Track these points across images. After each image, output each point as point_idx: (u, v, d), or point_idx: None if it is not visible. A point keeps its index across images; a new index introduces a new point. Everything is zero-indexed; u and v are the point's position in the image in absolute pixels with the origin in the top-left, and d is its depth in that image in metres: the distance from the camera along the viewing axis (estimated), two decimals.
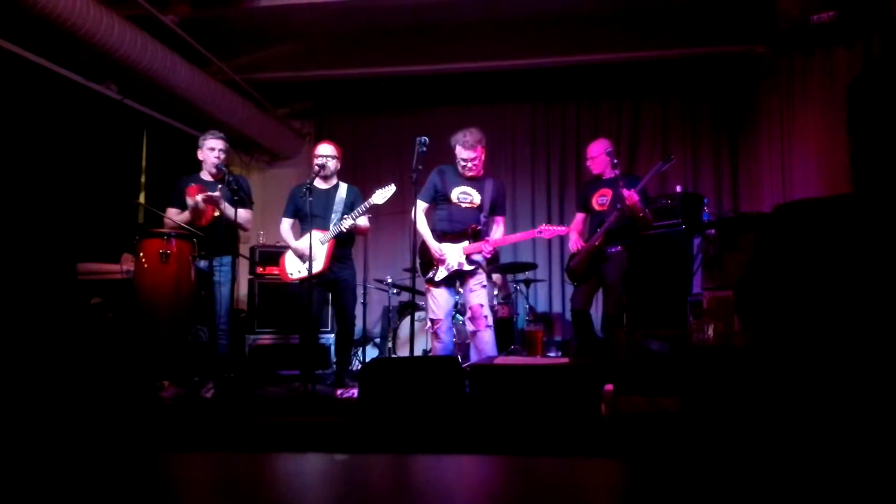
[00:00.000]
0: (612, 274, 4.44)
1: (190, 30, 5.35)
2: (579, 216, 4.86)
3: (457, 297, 4.31)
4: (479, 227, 4.02)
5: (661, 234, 5.52)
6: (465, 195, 4.04)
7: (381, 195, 4.21)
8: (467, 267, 3.99)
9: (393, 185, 4.25)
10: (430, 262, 4.09)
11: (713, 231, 5.15)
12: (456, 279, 4.09)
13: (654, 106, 7.09)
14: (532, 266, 6.69)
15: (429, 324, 4.21)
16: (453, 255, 4.00)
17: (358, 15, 5.69)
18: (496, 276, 6.16)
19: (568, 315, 6.95)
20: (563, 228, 4.25)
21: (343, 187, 4.47)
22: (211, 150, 4.31)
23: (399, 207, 5.04)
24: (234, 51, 6.18)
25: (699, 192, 6.38)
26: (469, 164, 4.03)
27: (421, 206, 4.08)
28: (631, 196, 4.22)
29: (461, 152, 4.03)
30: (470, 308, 4.05)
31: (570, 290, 6.84)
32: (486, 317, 4.02)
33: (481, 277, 4.11)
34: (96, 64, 4.85)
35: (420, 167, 3.91)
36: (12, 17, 4.05)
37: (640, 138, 7.11)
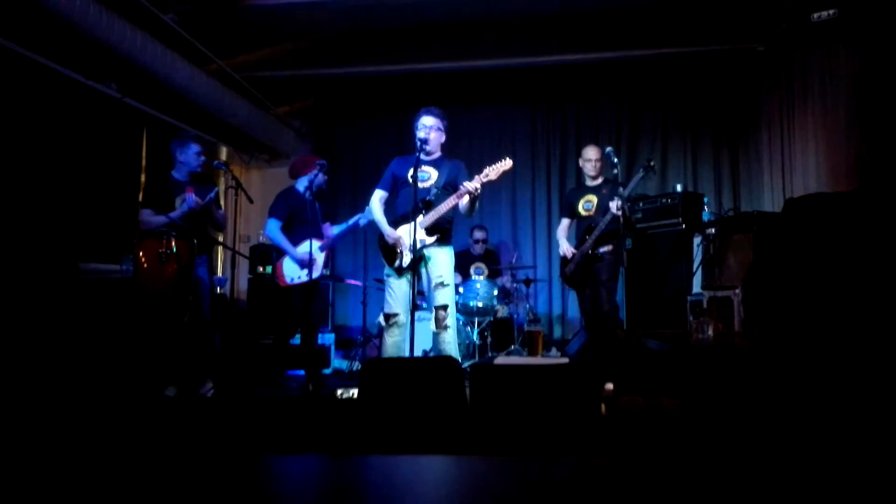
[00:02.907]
0: (604, 273, 4.57)
1: (190, 28, 5.35)
2: (565, 221, 4.97)
3: (419, 293, 4.08)
4: (429, 199, 3.84)
5: (661, 233, 5.52)
6: (423, 173, 3.90)
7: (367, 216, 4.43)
8: (429, 240, 3.83)
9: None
10: (391, 250, 3.94)
11: (713, 230, 5.16)
12: (417, 267, 3.89)
13: (654, 105, 7.09)
14: (532, 266, 6.71)
15: (381, 319, 4.09)
16: (408, 233, 3.82)
17: (358, 14, 5.69)
18: (500, 279, 6.17)
19: (568, 315, 6.97)
20: (509, 162, 3.94)
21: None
22: (197, 154, 4.34)
23: None
24: (234, 49, 6.17)
25: (699, 190, 6.39)
26: (429, 131, 3.91)
27: (378, 194, 4.05)
28: (616, 207, 4.42)
29: (422, 119, 3.94)
30: (434, 308, 3.90)
31: (570, 290, 6.85)
32: (446, 318, 3.86)
33: (441, 271, 3.90)
34: (96, 62, 4.85)
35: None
36: (12, 15, 4.05)
37: (641, 138, 7.12)
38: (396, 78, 6.79)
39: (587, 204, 4.76)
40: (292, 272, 4.53)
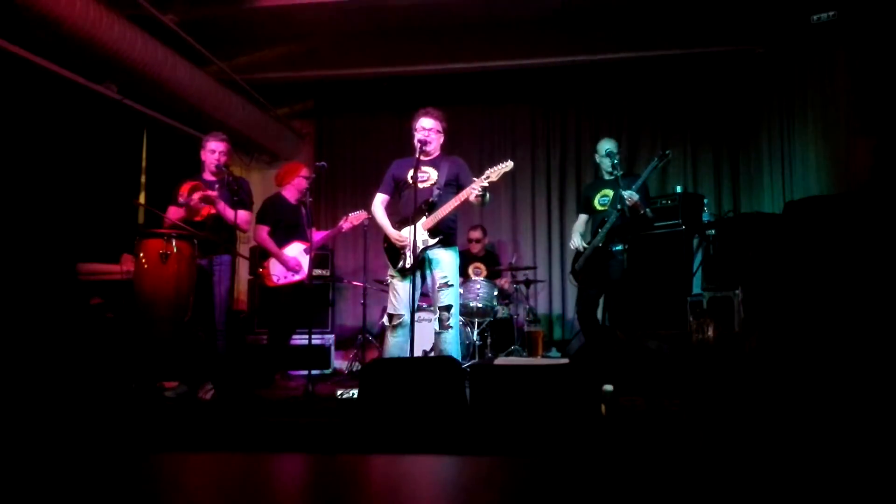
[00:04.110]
0: (614, 273, 4.51)
1: (190, 29, 5.35)
2: (582, 217, 4.92)
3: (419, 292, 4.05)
4: (432, 200, 3.85)
5: (661, 234, 5.52)
6: (422, 174, 3.90)
7: (357, 216, 4.76)
8: (432, 241, 3.83)
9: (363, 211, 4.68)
10: (396, 252, 3.95)
11: (713, 231, 5.16)
12: (421, 268, 3.90)
13: (653, 106, 7.09)
14: (532, 267, 6.71)
15: (385, 319, 4.10)
16: (415, 234, 3.83)
17: (358, 15, 5.69)
18: (500, 281, 6.17)
19: (568, 315, 6.96)
20: (510, 163, 3.89)
21: (307, 204, 4.77)
22: (212, 152, 4.34)
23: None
24: (233, 51, 6.18)
25: (699, 192, 6.39)
26: (429, 134, 3.91)
27: (380, 198, 4.08)
28: (630, 197, 4.28)
29: (422, 122, 3.94)
30: (438, 309, 3.90)
31: (570, 290, 6.86)
32: (449, 318, 3.87)
33: (446, 272, 3.91)
34: (96, 64, 4.85)
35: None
36: (12, 17, 4.05)
37: (641, 138, 7.12)
38: (396, 79, 6.80)
39: (603, 199, 4.69)
40: (279, 272, 4.73)
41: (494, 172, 3.79)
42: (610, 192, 4.64)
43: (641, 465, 2.16)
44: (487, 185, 3.75)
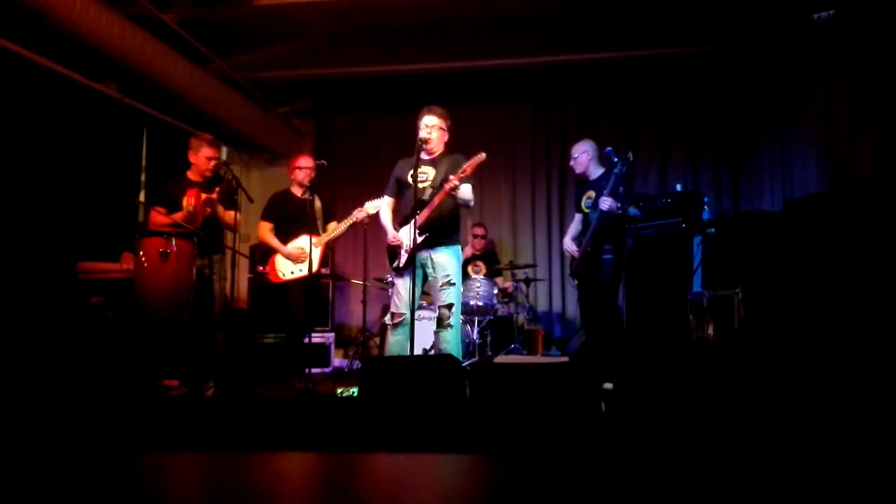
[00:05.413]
0: (604, 273, 4.53)
1: (190, 28, 5.35)
2: (577, 216, 4.95)
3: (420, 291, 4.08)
4: (425, 199, 3.86)
5: (661, 233, 5.53)
6: (421, 174, 3.92)
7: (373, 206, 4.44)
8: (419, 239, 3.82)
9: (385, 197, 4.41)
10: (393, 251, 3.99)
11: (713, 230, 5.16)
12: (419, 266, 3.92)
13: (654, 105, 7.10)
14: (532, 265, 6.72)
15: (388, 318, 4.12)
16: (406, 234, 3.87)
17: (358, 14, 5.69)
18: (499, 279, 6.17)
19: (568, 313, 6.98)
20: (482, 155, 3.83)
21: (317, 198, 4.68)
22: (208, 159, 4.33)
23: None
24: (233, 49, 6.18)
25: (699, 191, 6.39)
26: (431, 131, 3.94)
27: (385, 201, 4.14)
28: (604, 202, 4.37)
29: (424, 119, 3.97)
30: (438, 308, 3.93)
31: (570, 288, 6.88)
32: (450, 317, 3.89)
33: (448, 271, 3.93)
34: (96, 63, 4.85)
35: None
36: (12, 16, 4.05)
37: (641, 138, 7.13)
38: (396, 78, 6.80)
39: (588, 200, 4.73)
40: (284, 268, 4.65)
41: (469, 165, 3.77)
42: (593, 194, 4.68)
43: (641, 463, 2.16)
44: (457, 183, 3.73)
